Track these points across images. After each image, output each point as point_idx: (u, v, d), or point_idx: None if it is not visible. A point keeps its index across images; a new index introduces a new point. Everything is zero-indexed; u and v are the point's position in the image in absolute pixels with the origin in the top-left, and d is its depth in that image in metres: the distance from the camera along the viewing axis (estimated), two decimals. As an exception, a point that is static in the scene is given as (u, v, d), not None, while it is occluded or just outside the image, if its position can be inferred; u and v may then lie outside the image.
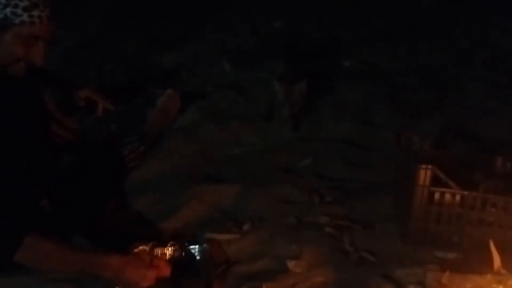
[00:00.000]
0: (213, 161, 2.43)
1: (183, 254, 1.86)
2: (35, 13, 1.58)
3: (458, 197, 1.77)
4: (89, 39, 3.57)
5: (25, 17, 1.57)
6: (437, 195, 1.77)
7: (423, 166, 1.75)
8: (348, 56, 3.49)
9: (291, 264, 1.81)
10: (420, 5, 4.22)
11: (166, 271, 1.60)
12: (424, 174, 1.75)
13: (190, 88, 2.96)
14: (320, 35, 3.84)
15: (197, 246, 1.86)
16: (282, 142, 2.56)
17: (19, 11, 1.56)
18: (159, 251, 1.86)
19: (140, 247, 1.86)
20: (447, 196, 1.77)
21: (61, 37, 3.32)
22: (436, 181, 1.80)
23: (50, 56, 2.25)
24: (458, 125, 2.63)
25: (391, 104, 2.89)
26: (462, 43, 3.72)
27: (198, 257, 1.84)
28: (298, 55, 3.46)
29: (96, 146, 2.33)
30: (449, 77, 3.23)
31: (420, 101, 2.92)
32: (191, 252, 1.85)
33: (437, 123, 2.62)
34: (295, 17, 4.09)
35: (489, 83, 3.14)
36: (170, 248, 1.86)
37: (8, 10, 1.56)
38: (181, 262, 1.82)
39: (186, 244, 1.86)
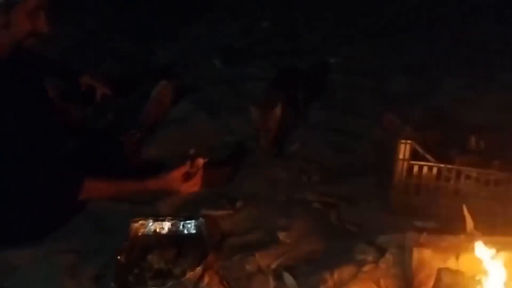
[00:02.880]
0: (206, 147, 2.56)
1: (180, 228, 1.99)
2: None
3: (435, 170, 1.91)
4: (84, 37, 3.68)
5: None
6: (416, 168, 1.91)
7: (403, 141, 1.89)
8: (334, 54, 3.64)
9: (281, 235, 1.94)
10: (403, 6, 4.39)
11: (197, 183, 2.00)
12: (404, 149, 1.89)
13: (183, 82, 3.08)
14: (307, 34, 3.98)
15: (193, 221, 1.99)
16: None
17: None
18: (158, 225, 1.99)
19: (140, 222, 1.99)
20: (425, 169, 1.91)
21: (58, 35, 3.44)
22: (415, 156, 1.94)
23: (49, 54, 2.39)
24: (437, 113, 2.78)
25: (374, 95, 3.04)
26: (443, 41, 3.88)
27: (194, 231, 1.98)
28: (285, 53, 3.61)
29: (95, 134, 2.44)
30: (429, 72, 3.38)
31: (402, 93, 3.07)
32: (188, 226, 1.99)
33: (418, 111, 2.76)
34: (282, 17, 4.23)
35: (467, 77, 3.29)
36: (167, 223, 1.99)
37: None
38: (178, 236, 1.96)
39: (182, 219, 2.00)
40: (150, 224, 1.95)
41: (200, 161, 2.02)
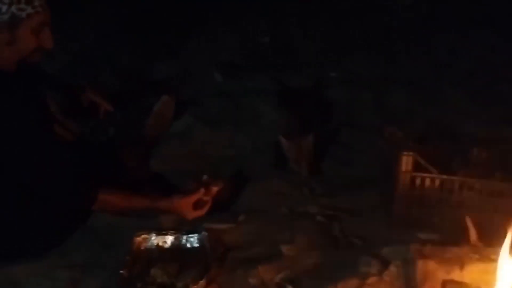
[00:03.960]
0: (207, 161, 2.56)
1: (183, 241, 1.98)
2: (36, 3, 1.71)
3: (437, 182, 1.91)
4: (83, 52, 3.69)
5: (29, 9, 1.69)
6: (418, 180, 1.91)
7: (405, 153, 1.89)
8: (333, 67, 3.66)
9: (284, 248, 1.94)
10: (402, 19, 4.42)
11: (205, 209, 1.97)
12: (406, 161, 1.89)
13: (183, 96, 3.09)
14: (305, 48, 4.01)
15: (195, 235, 1.99)
16: (272, 143, 2.69)
17: (22, 5, 1.69)
18: (161, 239, 1.99)
19: (143, 236, 1.98)
20: (428, 181, 1.91)
21: (57, 51, 3.45)
22: (417, 168, 1.95)
23: (48, 69, 2.40)
24: (437, 126, 2.79)
25: (374, 108, 3.05)
26: (441, 54, 3.90)
27: (196, 245, 1.97)
28: (284, 67, 3.63)
29: (96, 148, 2.44)
30: (428, 84, 3.40)
31: (402, 105, 3.08)
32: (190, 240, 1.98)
33: (418, 124, 2.77)
34: (281, 32, 4.26)
35: (467, 90, 3.31)
36: (170, 237, 1.99)
37: (13, 8, 1.68)
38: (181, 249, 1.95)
39: (185, 233, 1.99)
40: (153, 238, 1.94)
41: (214, 190, 1.99)
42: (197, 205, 1.96)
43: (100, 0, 4.47)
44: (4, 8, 1.67)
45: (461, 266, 1.58)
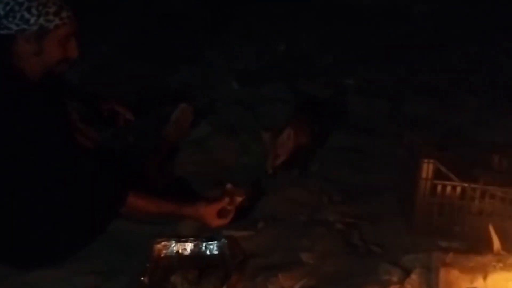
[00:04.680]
0: (224, 168, 2.56)
1: (203, 249, 1.98)
2: (64, 14, 1.74)
3: (459, 189, 1.90)
4: (102, 62, 3.73)
5: (57, 21, 1.73)
6: (439, 188, 1.90)
7: (426, 160, 1.88)
8: (349, 75, 3.65)
9: (304, 256, 1.93)
10: (418, 26, 4.41)
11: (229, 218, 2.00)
12: (427, 168, 1.88)
13: (200, 105, 3.11)
14: (321, 56, 4.01)
15: (215, 242, 1.99)
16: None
17: (50, 17, 1.72)
18: (180, 246, 1.99)
19: (163, 243, 1.98)
20: (449, 189, 1.89)
21: (76, 61, 3.49)
22: (437, 176, 1.93)
23: (67, 78, 2.43)
24: (457, 133, 2.77)
25: (391, 116, 3.04)
26: (460, 62, 3.88)
27: (216, 252, 1.97)
28: (300, 75, 3.64)
29: (115, 155, 2.46)
30: (446, 92, 3.38)
31: (419, 113, 3.07)
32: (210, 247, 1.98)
33: (437, 131, 2.76)
34: (296, 40, 4.27)
35: (486, 98, 3.29)
36: (190, 244, 1.99)
37: (41, 19, 1.72)
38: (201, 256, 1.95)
39: (205, 240, 1.99)
40: (173, 245, 1.95)
41: (238, 199, 2.02)
42: (220, 213, 1.98)
43: (119, 10, 4.53)
44: (33, 19, 1.70)
45: (485, 275, 1.56)
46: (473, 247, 1.80)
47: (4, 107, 1.73)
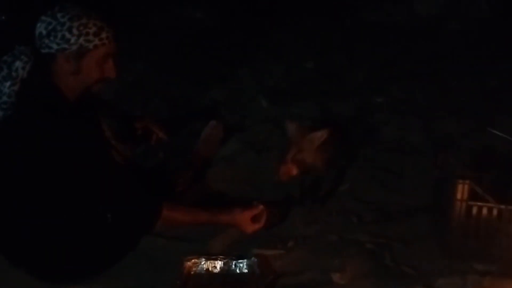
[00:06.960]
0: (254, 186, 2.56)
1: (232, 267, 1.98)
2: (104, 35, 1.77)
3: (495, 211, 1.85)
4: (134, 79, 3.79)
5: (96, 41, 1.76)
6: (474, 209, 1.85)
7: (461, 181, 1.84)
8: (379, 94, 3.63)
9: (335, 276, 1.90)
10: (448, 45, 4.36)
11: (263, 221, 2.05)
12: (462, 189, 1.84)
13: (230, 122, 3.12)
14: (350, 74, 4.00)
15: (245, 260, 1.98)
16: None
17: (90, 37, 1.75)
18: (210, 264, 1.99)
19: (193, 260, 1.99)
20: (485, 210, 1.85)
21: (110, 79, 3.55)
22: (473, 196, 1.89)
23: (102, 95, 2.48)
24: (491, 152, 2.71)
25: (422, 134, 3.00)
26: (491, 81, 3.83)
27: (246, 270, 1.96)
28: (329, 93, 3.63)
29: (146, 172, 2.48)
30: (479, 111, 3.33)
31: (453, 132, 3.02)
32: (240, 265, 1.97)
33: (471, 151, 2.71)
34: (326, 58, 4.27)
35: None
36: (220, 262, 1.99)
37: (81, 39, 1.76)
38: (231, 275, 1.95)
39: (235, 258, 1.99)
40: (203, 263, 1.95)
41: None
42: (253, 219, 2.03)
43: (151, 28, 4.60)
44: (73, 39, 1.74)
45: (522, 300, 1.51)
46: (510, 271, 1.75)
47: (43, 124, 1.76)
